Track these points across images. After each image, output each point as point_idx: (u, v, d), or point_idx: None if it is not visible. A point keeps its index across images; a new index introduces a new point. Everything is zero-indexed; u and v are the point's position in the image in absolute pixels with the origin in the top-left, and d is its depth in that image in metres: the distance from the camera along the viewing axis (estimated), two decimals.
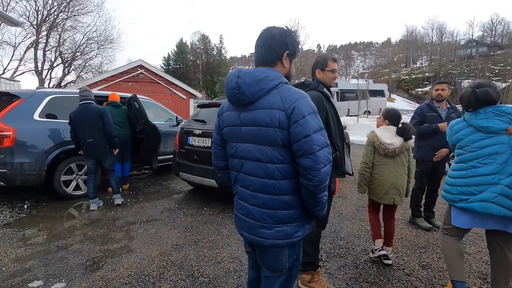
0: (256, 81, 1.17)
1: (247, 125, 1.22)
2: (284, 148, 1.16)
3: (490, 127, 1.86)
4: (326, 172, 1.14)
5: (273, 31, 1.25)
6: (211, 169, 3.97)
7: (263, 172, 1.20)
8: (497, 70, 50.64)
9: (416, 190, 3.63)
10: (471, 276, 2.51)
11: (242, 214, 1.31)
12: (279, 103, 1.14)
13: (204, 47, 48.65)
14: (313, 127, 1.13)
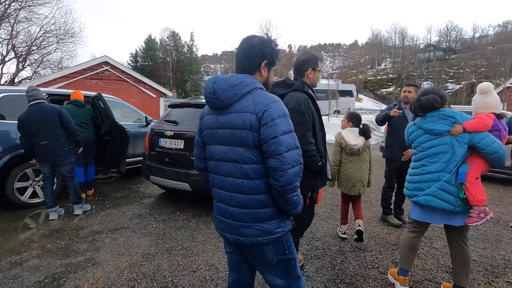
0: (231, 86, 1.24)
1: (223, 128, 1.28)
2: (256, 149, 1.23)
3: (435, 129, 2.04)
4: (293, 173, 1.19)
5: (252, 41, 1.31)
6: (184, 172, 3.81)
7: (238, 172, 1.26)
8: (452, 73, 54.91)
9: (386, 188, 3.76)
10: (439, 270, 2.64)
11: (222, 215, 1.35)
12: (251, 107, 1.21)
13: (174, 44, 47.30)
14: (281, 129, 1.18)
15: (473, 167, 1.95)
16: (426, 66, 60.98)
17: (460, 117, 1.98)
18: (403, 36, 74.97)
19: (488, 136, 1.91)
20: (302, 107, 1.87)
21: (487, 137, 1.90)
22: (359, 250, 2.98)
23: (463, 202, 1.96)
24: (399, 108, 3.63)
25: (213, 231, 3.38)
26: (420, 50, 69.86)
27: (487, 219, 1.89)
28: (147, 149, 4.42)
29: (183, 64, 45.89)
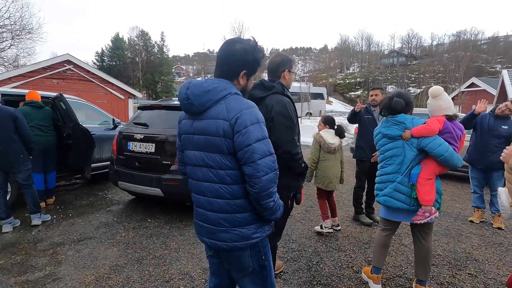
0: (205, 92, 1.22)
1: (198, 133, 1.27)
2: (231, 156, 1.21)
3: (389, 134, 2.18)
4: (267, 180, 1.18)
5: (235, 47, 1.26)
6: (156, 176, 3.65)
7: (215, 177, 1.24)
8: (413, 78, 58.71)
9: (357, 188, 3.88)
10: (409, 266, 2.75)
11: (201, 220, 1.34)
12: (224, 114, 1.19)
13: (144, 44, 45.76)
14: (255, 136, 1.16)
15: (425, 168, 2.07)
16: (390, 71, 64.64)
17: (410, 122, 2.11)
18: (369, 42, 78.90)
19: (435, 140, 2.01)
20: (289, 110, 1.88)
21: (433, 141, 2.01)
22: (334, 250, 3.03)
23: (416, 201, 2.08)
24: (369, 111, 3.77)
25: (187, 238, 3.26)
26: (385, 55, 73.97)
27: (431, 218, 2.02)
28: (115, 153, 4.18)
29: (153, 65, 44.51)
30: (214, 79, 1.28)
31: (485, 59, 63.69)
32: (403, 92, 2.31)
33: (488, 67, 57.24)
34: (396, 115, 2.19)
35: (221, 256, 1.38)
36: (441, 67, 55.82)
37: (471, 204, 4.33)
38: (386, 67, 68.09)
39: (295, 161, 1.91)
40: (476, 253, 3.05)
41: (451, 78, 45.86)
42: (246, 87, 1.35)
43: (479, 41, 70.43)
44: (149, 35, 46.48)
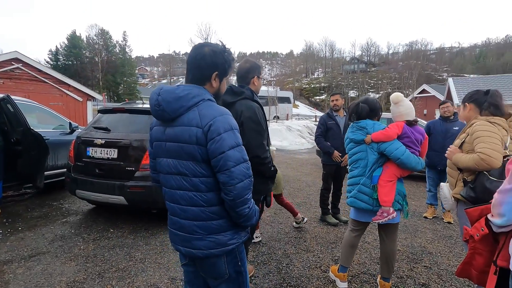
0: (177, 98, 1.20)
1: (170, 140, 1.25)
2: (205, 163, 1.20)
3: (354, 138, 2.30)
4: (242, 187, 1.18)
5: (204, 51, 1.26)
6: (119, 184, 3.45)
7: (189, 185, 1.23)
8: (372, 83, 62.55)
9: (323, 190, 4.02)
10: (372, 263, 2.90)
11: (175, 228, 1.32)
12: (197, 121, 1.17)
13: (104, 43, 43.37)
14: (229, 144, 1.16)
15: (386, 171, 2.20)
16: (352, 76, 68.25)
17: (372, 128, 2.24)
18: (332, 49, 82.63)
19: (392, 144, 2.15)
20: (258, 116, 1.91)
21: (391, 145, 2.14)
22: (302, 252, 3.10)
23: (378, 202, 2.20)
24: (331, 116, 3.92)
25: (153, 247, 3.13)
26: (347, 62, 77.95)
27: (389, 217, 2.15)
28: (72, 159, 3.89)
29: (114, 65, 42.31)
30: (186, 85, 1.26)
31: (434, 67, 70.04)
32: (370, 98, 2.41)
33: (436, 75, 62.98)
34: (360, 120, 2.30)
35: (197, 264, 1.36)
36: (397, 74, 60.27)
37: (425, 201, 4.70)
38: (348, 73, 71.81)
39: (265, 165, 1.94)
40: (430, 247, 3.31)
41: (405, 85, 49.62)
42: (219, 91, 1.34)
43: (428, 51, 77.24)
44: (109, 34, 44.18)
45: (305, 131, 17.08)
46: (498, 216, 1.07)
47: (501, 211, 1.04)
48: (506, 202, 1.02)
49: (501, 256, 1.10)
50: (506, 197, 1.01)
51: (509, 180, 1.00)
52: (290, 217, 4.15)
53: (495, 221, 1.09)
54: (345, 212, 4.34)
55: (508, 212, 1.01)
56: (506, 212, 1.02)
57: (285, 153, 11.31)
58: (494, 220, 1.09)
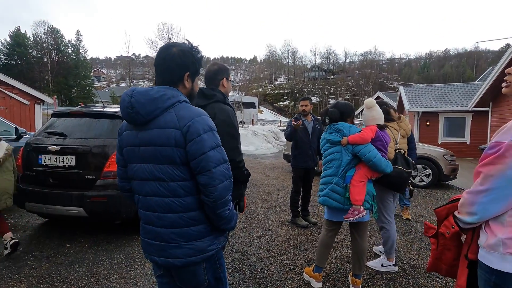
0: (151, 100, 1.15)
1: (145, 145, 1.19)
2: (184, 166, 1.16)
3: (331, 139, 2.40)
4: (223, 188, 1.17)
5: (172, 51, 1.21)
6: (77, 194, 3.16)
7: (166, 191, 1.18)
8: (332, 90, 65.85)
9: (293, 193, 4.08)
10: (342, 261, 3.00)
11: (150, 238, 1.25)
12: (174, 122, 1.14)
13: (55, 42, 40.09)
14: (209, 144, 1.15)
15: (359, 172, 2.32)
16: (313, 83, 71.24)
17: (348, 130, 2.35)
18: (294, 56, 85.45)
19: (366, 147, 2.27)
20: (232, 119, 1.89)
21: (365, 148, 2.27)
22: (276, 255, 3.10)
23: (349, 201, 2.30)
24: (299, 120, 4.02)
25: (118, 261, 2.91)
26: (308, 69, 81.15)
27: (359, 216, 2.26)
28: (20, 169, 3.49)
29: (66, 67, 39.26)
30: (160, 86, 1.21)
31: (386, 76, 75.95)
32: (341, 103, 2.53)
33: (388, 83, 68.30)
34: (337, 123, 2.40)
35: (174, 274, 1.30)
36: (354, 81, 64.22)
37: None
38: (310, 80, 74.83)
39: (239, 169, 1.92)
40: None
41: (362, 92, 53.00)
42: (192, 91, 1.31)
43: (381, 61, 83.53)
44: (61, 33, 40.92)
45: (270, 136, 17.35)
46: (467, 215, 1.16)
47: (472, 210, 1.13)
48: (478, 202, 1.10)
49: (471, 250, 1.19)
50: (478, 198, 1.10)
51: (481, 182, 1.09)
52: (261, 221, 4.16)
53: (464, 219, 1.18)
54: (314, 214, 4.46)
55: (480, 211, 1.11)
56: (478, 211, 1.11)
57: (252, 158, 11.34)
58: (464, 218, 1.18)
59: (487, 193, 1.09)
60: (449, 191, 6.32)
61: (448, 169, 6.43)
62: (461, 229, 1.26)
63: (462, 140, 12.77)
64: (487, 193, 1.09)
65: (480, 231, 1.18)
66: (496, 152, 1.06)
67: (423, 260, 3.05)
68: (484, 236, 1.15)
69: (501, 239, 1.07)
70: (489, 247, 1.12)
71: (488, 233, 1.13)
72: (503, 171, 1.04)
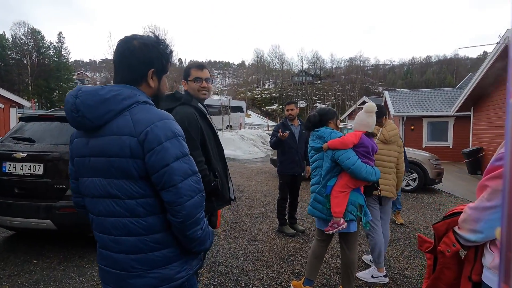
0: (101, 101, 0.97)
1: (96, 155, 1.01)
2: (143, 180, 0.99)
3: (314, 146, 2.30)
4: (192, 205, 0.99)
5: (132, 45, 1.04)
6: (45, 205, 2.90)
7: (123, 210, 0.99)
8: (319, 95, 66.73)
9: (280, 200, 3.93)
10: (331, 273, 2.86)
11: (106, 265, 1.06)
12: (130, 128, 0.96)
13: (35, 44, 38.80)
14: (173, 154, 0.97)
15: (339, 182, 2.18)
16: (300, 88, 71.98)
17: (329, 136, 2.23)
18: (282, 61, 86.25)
19: (345, 153, 2.12)
20: (186, 123, 1.68)
21: (344, 154, 2.12)
22: (261, 268, 2.93)
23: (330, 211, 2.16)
24: (286, 125, 3.90)
25: (89, 278, 2.66)
26: (295, 74, 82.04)
27: (339, 228, 2.12)
28: None
29: (48, 69, 38.04)
30: (114, 85, 1.03)
31: (371, 82, 77.65)
32: (323, 107, 2.47)
33: (373, 89, 69.83)
34: (318, 129, 2.29)
35: None
36: (340, 86, 65.30)
37: None
38: (297, 85, 75.57)
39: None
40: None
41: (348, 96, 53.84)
42: (159, 90, 1.12)
43: (366, 67, 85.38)
44: (42, 34, 39.67)
45: (258, 140, 17.22)
46: (471, 232, 1.04)
47: (477, 228, 1.02)
48: (484, 219, 0.99)
49: (475, 270, 1.07)
50: (484, 215, 0.99)
51: (488, 197, 0.97)
52: (247, 230, 3.98)
53: (467, 236, 1.06)
54: (302, 221, 4.32)
55: (487, 229, 0.99)
56: (484, 230, 1.00)
57: (239, 163, 11.16)
58: (466, 235, 1.07)
59: (495, 210, 0.97)
60: (435, 195, 6.34)
61: (434, 173, 6.46)
62: (461, 246, 1.14)
63: (445, 144, 13.03)
64: (495, 210, 0.97)
65: (485, 249, 1.06)
66: None
67: (414, 269, 2.95)
68: (490, 256, 1.02)
69: None
70: (495, 268, 0.99)
71: (495, 253, 1.00)
72: None
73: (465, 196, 6.26)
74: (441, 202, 5.80)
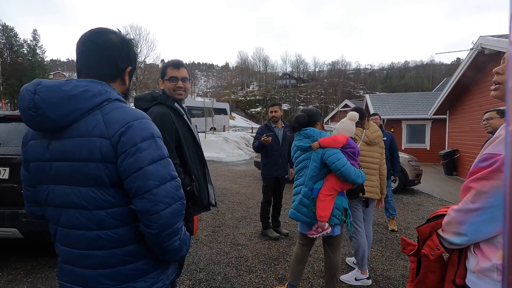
0: (67, 98, 0.85)
1: (59, 159, 0.89)
2: (115, 188, 0.88)
3: (302, 145, 2.23)
4: (170, 214, 0.89)
5: (111, 38, 0.95)
6: (10, 212, 2.69)
7: (90, 222, 0.88)
8: (302, 98, 67.62)
9: (264, 203, 3.87)
10: (315, 276, 2.82)
11: (69, 282, 0.95)
12: (101, 128, 0.85)
13: (7, 41, 36.90)
14: (148, 156, 0.87)
15: (326, 184, 2.14)
16: (284, 91, 72.66)
17: (318, 136, 2.20)
18: (266, 64, 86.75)
19: (336, 154, 2.10)
20: (159, 123, 1.57)
21: (334, 155, 2.09)
22: (244, 273, 2.85)
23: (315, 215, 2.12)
24: (269, 127, 3.86)
25: None
26: (279, 77, 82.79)
27: (323, 233, 2.08)
28: None
29: (21, 68, 36.19)
30: (80, 80, 0.91)
31: (352, 85, 79.66)
32: (309, 107, 2.43)
33: (355, 92, 71.61)
34: (307, 128, 2.24)
35: None
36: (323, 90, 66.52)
37: None
38: (281, 87, 76.26)
39: None
40: None
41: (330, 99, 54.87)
42: (128, 89, 1.05)
43: (348, 71, 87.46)
44: (15, 31, 37.79)
45: (242, 142, 17.13)
46: (455, 235, 1.02)
47: (460, 231, 0.99)
48: (468, 222, 0.96)
49: (459, 274, 1.05)
50: (468, 217, 0.96)
51: (472, 199, 0.95)
52: (230, 234, 3.89)
53: (451, 239, 1.04)
54: (286, 224, 4.28)
55: (471, 232, 0.97)
56: (468, 232, 0.97)
57: (222, 165, 11.02)
58: (450, 238, 1.04)
59: (480, 212, 0.94)
60: (414, 196, 6.50)
61: (413, 174, 6.63)
62: (445, 249, 1.13)
63: (422, 146, 13.49)
64: (479, 212, 0.94)
65: (468, 252, 1.04)
66: (490, 165, 0.91)
67: (396, 270, 2.97)
68: (474, 259, 1.00)
69: (495, 265, 0.92)
70: (480, 272, 0.97)
71: (479, 256, 0.98)
72: (499, 187, 0.90)
73: (442, 196, 6.46)
74: (420, 202, 5.94)
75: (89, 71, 0.94)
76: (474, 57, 7.78)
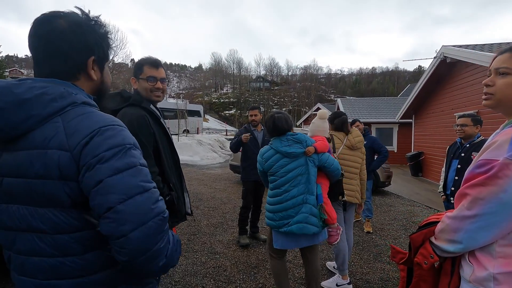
0: (17, 103, 0.70)
1: (10, 175, 0.73)
2: (78, 209, 0.74)
3: (293, 152, 2.04)
4: (142, 236, 0.70)
5: (59, 25, 0.76)
6: None
7: (51, 248, 0.73)
8: (276, 101, 68.47)
9: (243, 209, 3.75)
10: (296, 283, 2.76)
11: None
12: (61, 139, 0.70)
13: None
14: (111, 166, 0.70)
15: (323, 187, 2.11)
16: (258, 93, 73.13)
17: (309, 140, 2.14)
18: (239, 66, 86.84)
19: (330, 156, 2.14)
20: (135, 127, 1.44)
21: (329, 158, 2.12)
22: (223, 284, 2.71)
23: (322, 222, 2.07)
24: (248, 130, 3.78)
25: None
26: (253, 80, 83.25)
27: (339, 232, 2.09)
28: None
29: None
30: (37, 79, 0.75)
31: (324, 89, 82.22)
32: (283, 112, 2.26)
33: (326, 96, 73.92)
34: (295, 133, 2.15)
35: None
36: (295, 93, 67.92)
37: None
38: (255, 90, 76.69)
39: None
40: None
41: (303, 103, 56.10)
42: (103, 84, 0.87)
43: (319, 75, 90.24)
44: None
45: (216, 145, 16.86)
46: (449, 243, 1.00)
47: (455, 238, 0.97)
48: (464, 229, 0.94)
49: (453, 283, 1.02)
50: (463, 224, 0.94)
51: (468, 206, 0.92)
52: (206, 242, 3.72)
53: (444, 247, 1.01)
54: (264, 230, 4.19)
55: (466, 240, 0.94)
56: (463, 240, 0.95)
57: (196, 169, 10.73)
58: (444, 246, 1.02)
59: (476, 219, 0.92)
60: (385, 197, 6.74)
61: (384, 176, 6.88)
62: (438, 257, 1.10)
63: (390, 149, 14.13)
64: (475, 219, 0.92)
65: (463, 260, 1.02)
66: (487, 171, 0.89)
67: (375, 273, 2.99)
68: (469, 268, 0.98)
69: (492, 274, 0.90)
70: (476, 281, 0.95)
71: (474, 265, 0.96)
72: (496, 194, 0.87)
73: (410, 197, 6.76)
74: (391, 203, 6.16)
75: (40, 71, 0.79)
76: (437, 65, 8.28)
